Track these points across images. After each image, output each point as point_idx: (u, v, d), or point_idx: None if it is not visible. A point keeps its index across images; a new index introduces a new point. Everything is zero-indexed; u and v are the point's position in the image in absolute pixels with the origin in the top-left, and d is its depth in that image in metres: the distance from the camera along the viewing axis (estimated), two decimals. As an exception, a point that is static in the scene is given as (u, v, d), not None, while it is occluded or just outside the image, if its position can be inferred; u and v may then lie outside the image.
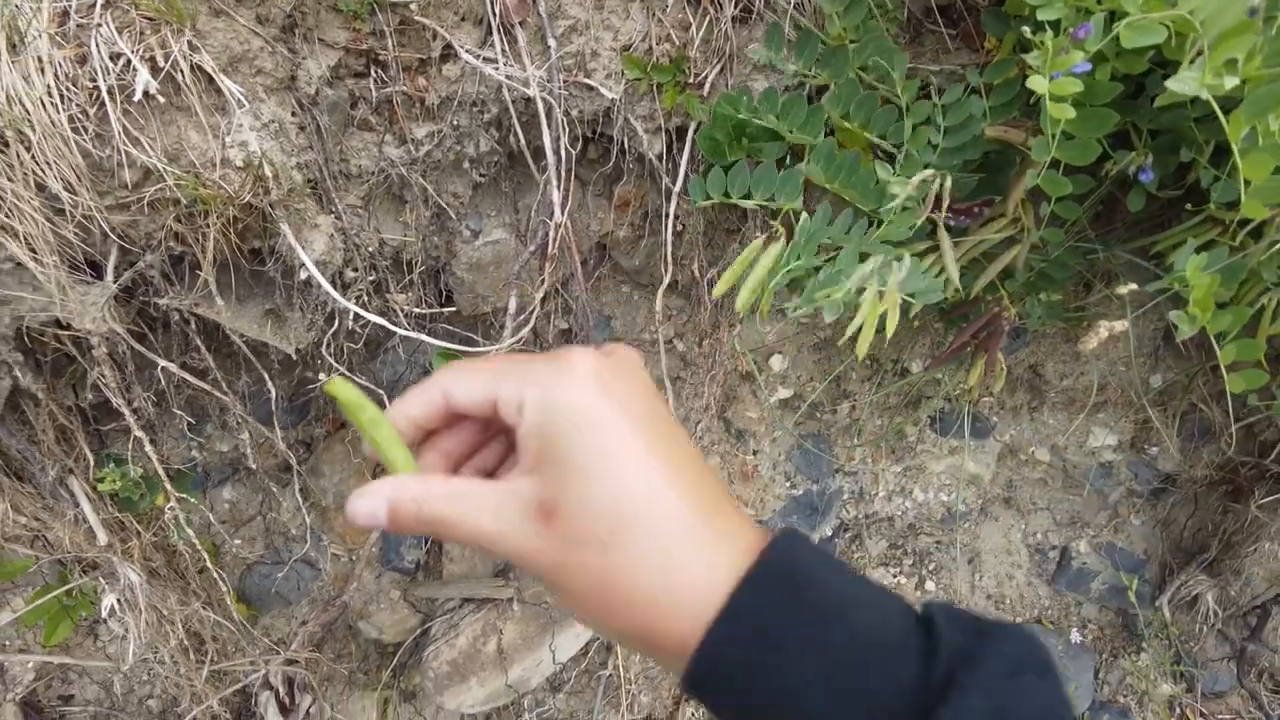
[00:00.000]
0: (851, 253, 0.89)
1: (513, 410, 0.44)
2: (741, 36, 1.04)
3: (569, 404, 0.42)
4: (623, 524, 0.40)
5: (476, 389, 0.45)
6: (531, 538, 0.41)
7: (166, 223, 0.85)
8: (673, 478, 0.41)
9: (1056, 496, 1.70)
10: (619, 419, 0.42)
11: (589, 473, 0.40)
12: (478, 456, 0.49)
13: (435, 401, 0.47)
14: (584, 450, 0.41)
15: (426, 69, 1.05)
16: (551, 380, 0.43)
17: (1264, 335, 0.96)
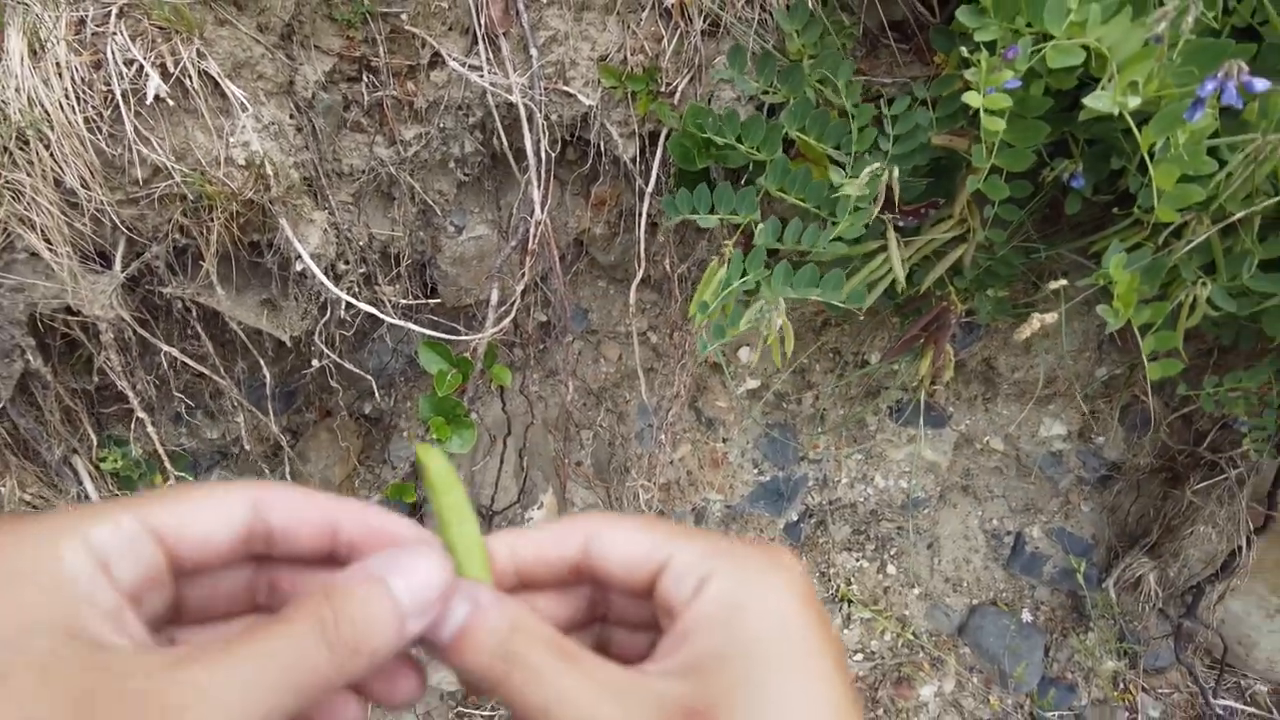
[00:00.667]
0: (782, 270, 0.97)
1: (685, 585, 0.35)
2: (710, 49, 1.12)
3: (786, 610, 0.34)
4: None
5: (639, 545, 0.37)
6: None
7: (173, 217, 0.91)
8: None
9: (1011, 484, 1.79)
10: (832, 655, 0.34)
11: (789, 702, 0.32)
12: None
13: (569, 548, 0.38)
14: (782, 680, 0.33)
15: (415, 75, 1.12)
16: (762, 569, 0.35)
17: (1182, 327, 1.05)
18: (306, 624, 0.32)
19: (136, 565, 0.32)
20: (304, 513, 0.36)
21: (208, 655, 0.30)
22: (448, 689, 1.56)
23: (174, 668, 0.29)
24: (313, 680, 0.31)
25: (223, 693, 0.29)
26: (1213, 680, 1.66)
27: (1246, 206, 0.98)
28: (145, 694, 0.28)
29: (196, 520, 0.34)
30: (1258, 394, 1.34)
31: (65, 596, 0.30)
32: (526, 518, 1.53)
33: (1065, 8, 0.84)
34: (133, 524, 0.33)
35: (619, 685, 0.33)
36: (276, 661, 0.30)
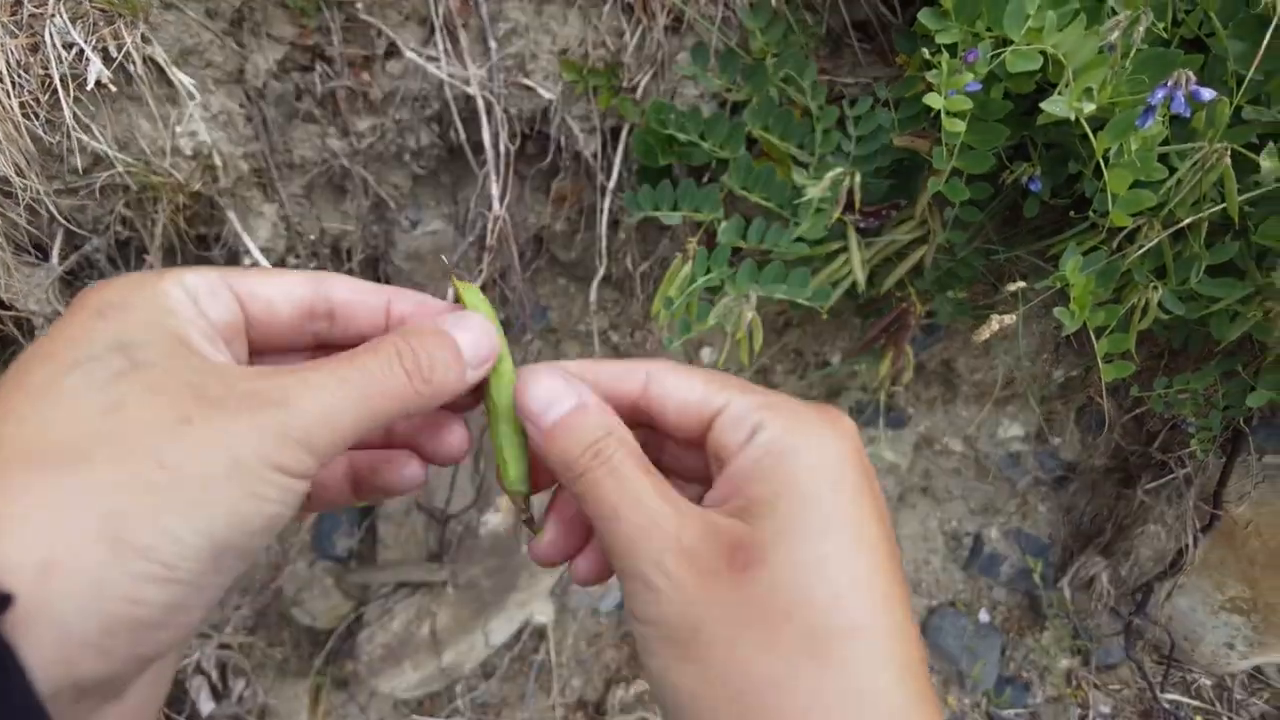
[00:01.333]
0: (748, 268, 0.96)
1: (739, 431, 0.36)
2: (673, 45, 1.11)
3: (834, 460, 0.35)
4: (832, 628, 0.32)
5: (695, 391, 0.38)
6: (701, 572, 0.33)
7: (115, 208, 0.88)
8: (905, 618, 0.34)
9: (970, 485, 1.81)
10: (877, 515, 0.35)
11: (822, 549, 0.33)
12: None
13: (632, 385, 0.40)
14: (832, 521, 0.33)
15: (371, 65, 1.10)
16: (813, 421, 0.36)
17: (1134, 330, 1.07)
18: (386, 353, 0.36)
19: (220, 308, 0.37)
20: (362, 291, 0.40)
21: (302, 370, 0.34)
22: (401, 696, 1.54)
23: (270, 376, 0.33)
24: (388, 402, 0.35)
25: (314, 396, 0.33)
26: (1160, 675, 1.70)
27: (1195, 212, 1.00)
28: (252, 391, 0.32)
29: (266, 285, 0.39)
30: (1204, 395, 1.37)
31: (173, 318, 0.34)
32: (481, 521, 1.51)
33: (1024, 13, 0.85)
34: (215, 276, 0.37)
35: (682, 506, 0.35)
36: (361, 379, 0.34)
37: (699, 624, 0.33)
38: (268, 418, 0.32)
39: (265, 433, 0.31)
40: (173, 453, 0.30)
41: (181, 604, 0.30)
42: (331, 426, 0.33)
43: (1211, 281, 1.06)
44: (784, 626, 0.32)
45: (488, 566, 1.53)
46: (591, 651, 1.72)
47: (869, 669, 0.32)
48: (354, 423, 0.34)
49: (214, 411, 0.31)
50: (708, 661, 0.33)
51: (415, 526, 1.54)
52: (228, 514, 0.30)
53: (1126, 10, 0.85)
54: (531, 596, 1.60)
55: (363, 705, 1.58)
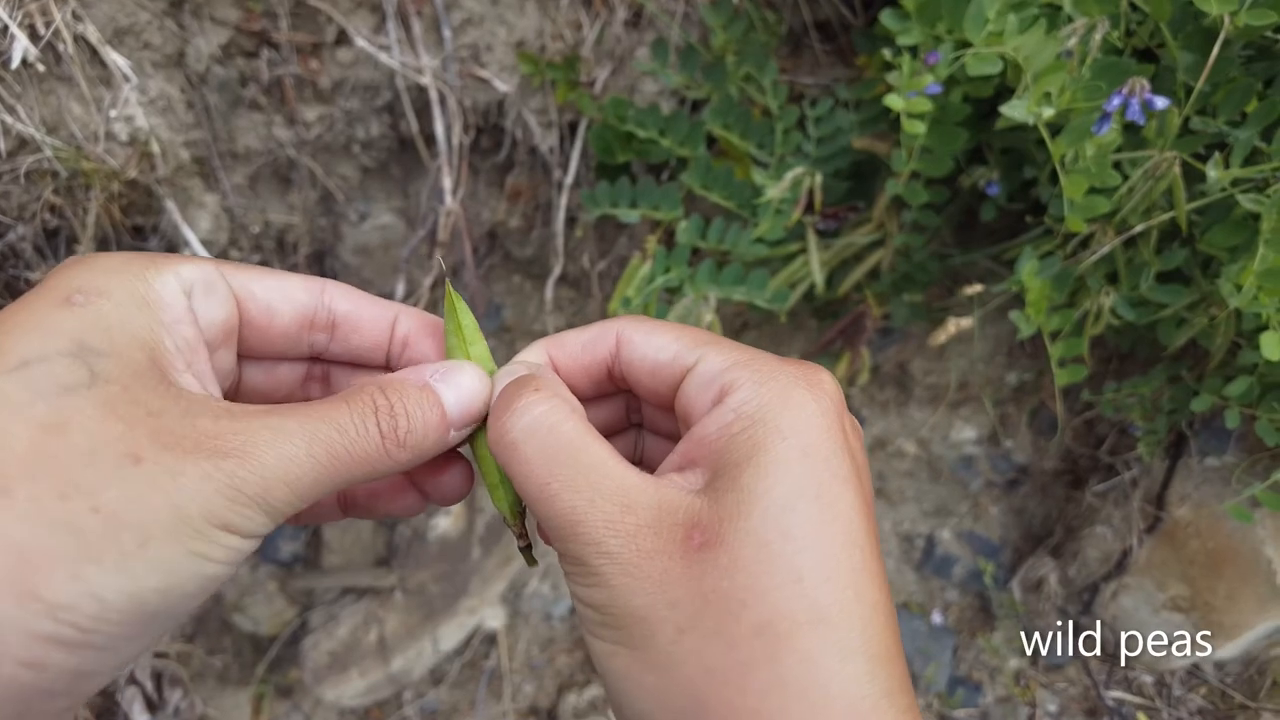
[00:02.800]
0: (707, 268, 0.95)
1: (708, 392, 0.33)
2: (633, 39, 1.09)
3: (809, 424, 0.31)
4: (793, 617, 0.29)
5: (665, 350, 0.35)
6: (650, 554, 0.30)
7: (43, 195, 0.83)
8: (880, 599, 0.31)
9: (923, 487, 1.82)
10: (853, 485, 0.31)
11: (786, 524, 0.30)
12: None
13: (602, 350, 0.37)
14: (800, 493, 0.30)
15: (320, 52, 1.06)
16: (789, 381, 0.32)
17: (1087, 335, 1.08)
18: (362, 408, 0.32)
19: (215, 307, 0.34)
20: (366, 303, 0.38)
21: (269, 415, 0.31)
22: (347, 704, 1.49)
23: (237, 417, 0.30)
24: (357, 465, 0.32)
25: (277, 449, 0.29)
26: (1105, 674, 1.73)
27: (1146, 220, 1.01)
28: (212, 434, 0.29)
29: (267, 286, 0.36)
30: (1151, 400, 1.40)
31: (151, 321, 0.31)
32: (430, 525, 1.47)
33: (984, 16, 0.85)
34: (214, 271, 0.34)
35: (629, 478, 0.31)
36: (330, 436, 0.31)
37: (645, 612, 0.30)
38: (223, 469, 0.28)
39: (218, 486, 0.28)
40: (112, 495, 0.26)
41: (89, 671, 0.26)
42: (291, 486, 0.30)
43: (1160, 288, 1.08)
44: (739, 615, 0.29)
45: (437, 571, 1.49)
46: (544, 657, 1.69)
47: (832, 662, 0.29)
48: (315, 483, 0.31)
49: (166, 453, 0.27)
50: (653, 652, 0.30)
51: (361, 530, 1.49)
52: (163, 574, 0.27)
53: (1084, 17, 0.86)
54: (483, 602, 1.56)
55: (307, 714, 1.53)
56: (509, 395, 0.34)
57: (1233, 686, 1.79)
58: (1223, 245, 1.01)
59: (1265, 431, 1.09)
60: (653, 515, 0.30)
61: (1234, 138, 0.95)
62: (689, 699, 0.29)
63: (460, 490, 0.39)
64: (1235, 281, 0.96)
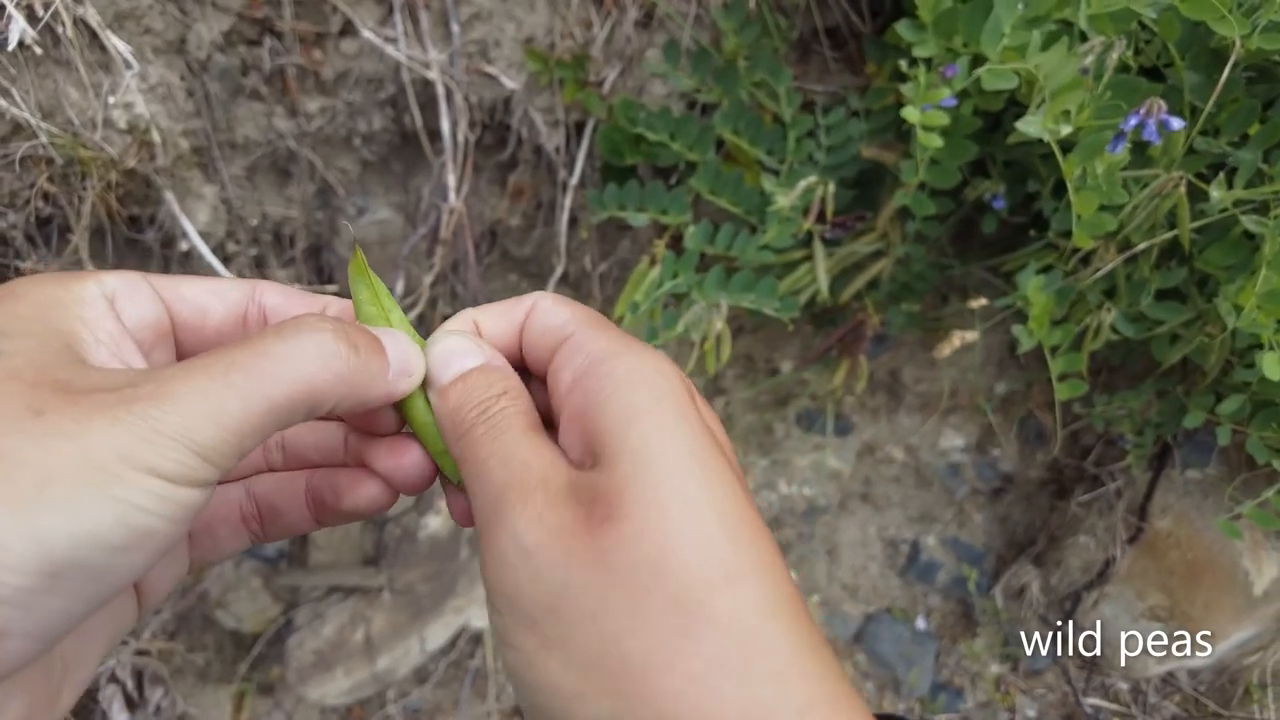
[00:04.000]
0: (716, 275, 0.94)
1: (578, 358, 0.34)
2: (643, 40, 1.08)
3: (668, 388, 0.32)
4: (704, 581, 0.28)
5: (558, 315, 0.36)
6: (560, 534, 0.29)
7: (36, 182, 0.80)
8: (772, 551, 0.30)
9: (909, 493, 1.83)
10: (712, 449, 0.31)
11: (689, 486, 0.29)
12: None
13: (515, 319, 0.37)
14: (687, 455, 0.30)
15: (323, 43, 1.04)
16: (645, 356, 0.33)
17: (1086, 350, 1.09)
18: (292, 329, 0.31)
19: (141, 307, 0.33)
20: (296, 297, 0.37)
21: (189, 360, 0.29)
22: (330, 703, 1.47)
23: (151, 373, 0.28)
24: (294, 387, 0.30)
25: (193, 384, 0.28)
26: (1083, 681, 1.75)
27: (1149, 238, 1.02)
28: (124, 384, 0.27)
29: (195, 288, 0.36)
30: (1140, 413, 1.41)
31: (69, 314, 0.30)
32: (421, 524, 1.45)
33: (1000, 31, 0.85)
34: (138, 277, 0.34)
35: (555, 459, 0.32)
36: (255, 362, 0.29)
37: (558, 600, 0.29)
38: (135, 412, 0.26)
39: (130, 427, 0.26)
40: (7, 443, 0.25)
41: (5, 630, 0.25)
42: (219, 421, 0.27)
43: (1159, 305, 1.09)
44: (652, 588, 0.28)
45: (425, 571, 1.47)
46: None
47: (749, 623, 0.28)
48: (245, 416, 0.28)
49: (72, 406, 0.26)
50: (572, 646, 0.28)
51: (350, 529, 1.47)
52: (68, 516, 0.25)
53: (1098, 35, 0.86)
54: (469, 602, 1.55)
55: (289, 712, 1.51)
56: (474, 387, 0.35)
57: (1206, 694, 1.82)
58: (1220, 264, 1.02)
59: (1256, 449, 1.10)
60: (566, 492, 0.30)
61: (1237, 159, 0.96)
62: (616, 693, 0.28)
63: (421, 473, 0.38)
64: (1233, 301, 0.97)
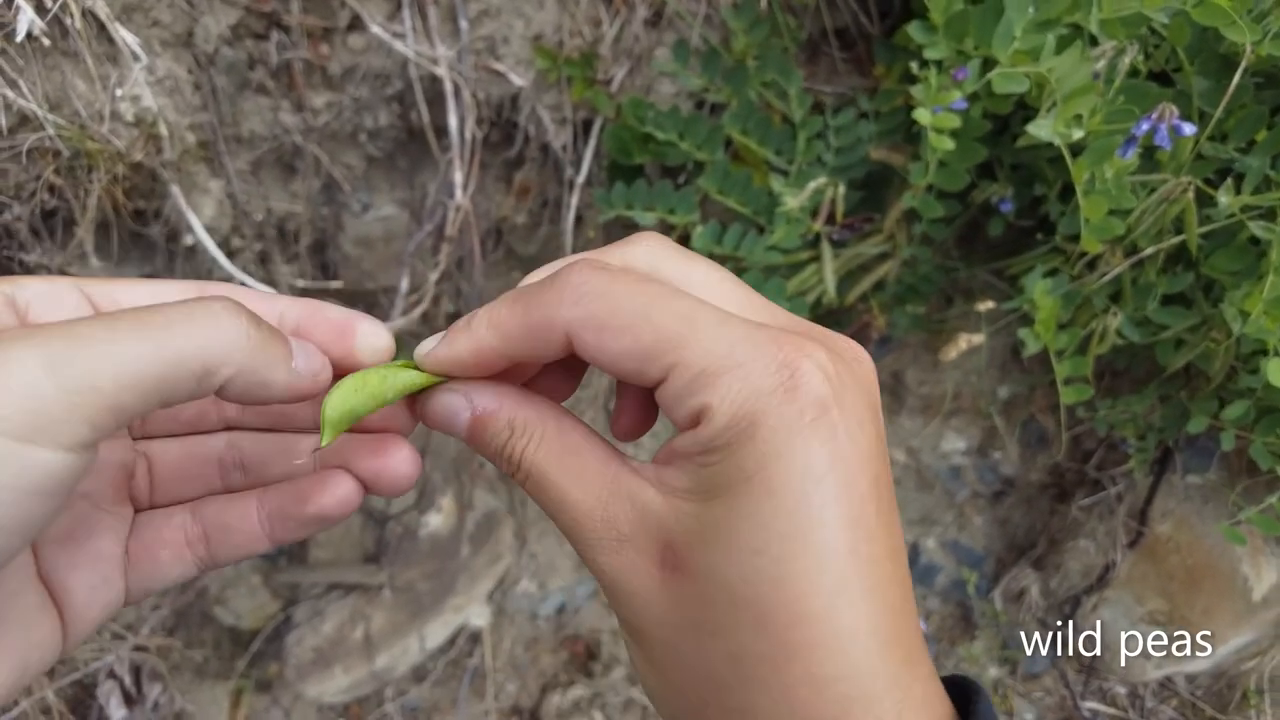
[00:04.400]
0: None
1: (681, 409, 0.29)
2: (651, 39, 1.08)
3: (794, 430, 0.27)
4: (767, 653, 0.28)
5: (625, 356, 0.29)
6: (634, 571, 0.30)
7: (43, 174, 0.80)
8: (877, 587, 0.28)
9: (910, 496, 1.83)
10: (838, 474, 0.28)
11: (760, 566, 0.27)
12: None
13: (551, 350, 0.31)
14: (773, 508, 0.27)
15: (331, 37, 1.03)
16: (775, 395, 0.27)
17: (1092, 354, 1.09)
18: (194, 302, 0.28)
19: (61, 313, 0.30)
20: (249, 298, 0.34)
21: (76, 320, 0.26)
22: (327, 700, 1.47)
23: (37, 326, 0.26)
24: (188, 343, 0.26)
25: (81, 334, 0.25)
26: (1081, 684, 1.75)
27: (1156, 243, 1.02)
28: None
29: (134, 293, 0.32)
30: (1143, 417, 1.41)
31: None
32: (422, 522, 1.45)
33: (1011, 34, 0.84)
34: (67, 286, 0.31)
35: (608, 491, 0.30)
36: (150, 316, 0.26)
37: (643, 626, 0.30)
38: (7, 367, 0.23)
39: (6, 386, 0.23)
40: None
41: None
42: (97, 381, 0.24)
43: (1165, 310, 1.09)
44: (710, 643, 0.28)
45: (426, 570, 1.47)
46: (528, 656, 1.68)
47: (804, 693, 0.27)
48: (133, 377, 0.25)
49: None
50: (662, 667, 0.30)
51: (351, 526, 1.47)
52: None
53: (1109, 39, 0.86)
54: (469, 600, 1.55)
55: (286, 709, 1.50)
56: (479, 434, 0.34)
57: (1203, 699, 1.82)
58: (1226, 269, 1.02)
59: (1260, 455, 1.10)
60: (633, 527, 0.30)
61: (1245, 165, 0.96)
62: (685, 702, 0.30)
63: (410, 473, 0.36)
64: (1240, 307, 0.97)
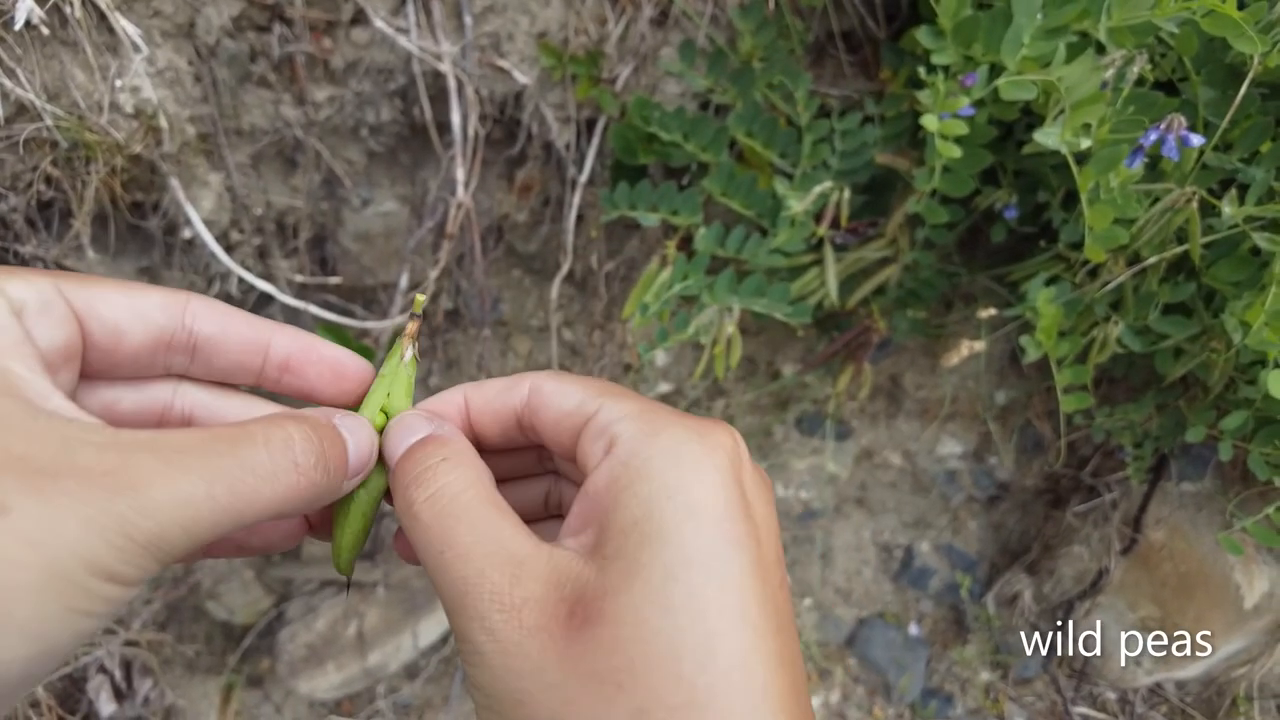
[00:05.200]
0: (727, 278, 0.93)
1: (600, 441, 0.32)
2: (657, 38, 1.07)
3: (695, 486, 0.29)
4: (671, 702, 0.27)
5: (570, 399, 0.34)
6: (533, 631, 0.28)
7: (39, 165, 0.79)
8: (778, 667, 0.28)
9: (905, 499, 1.83)
10: (748, 548, 0.29)
11: (675, 597, 0.27)
12: None
13: (515, 399, 0.35)
14: (685, 561, 0.28)
15: (334, 31, 1.02)
16: (681, 437, 0.31)
17: (1092, 362, 1.09)
18: (277, 440, 0.29)
19: (52, 328, 0.29)
20: (234, 323, 0.34)
21: (162, 444, 0.27)
22: (319, 697, 1.46)
23: (125, 448, 0.26)
24: (264, 504, 0.28)
25: (174, 488, 0.26)
26: (1072, 689, 1.76)
27: (1158, 252, 1.02)
28: (97, 468, 0.25)
29: (114, 304, 0.31)
30: (1141, 425, 1.42)
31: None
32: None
33: (1020, 41, 0.84)
34: (50, 286, 0.30)
35: (524, 548, 0.30)
36: (233, 470, 0.27)
37: (523, 696, 0.28)
38: (110, 513, 0.24)
39: (103, 530, 0.24)
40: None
41: None
42: (187, 529, 0.26)
43: (1165, 319, 1.09)
44: (614, 699, 0.27)
45: (420, 568, 1.46)
46: None
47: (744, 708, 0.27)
48: (214, 526, 0.27)
49: (38, 498, 0.23)
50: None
51: (345, 520, 1.46)
52: (33, 640, 0.23)
53: (1118, 48, 0.86)
54: (464, 597, 1.54)
55: (278, 705, 1.49)
56: (416, 459, 0.34)
57: (1193, 706, 1.82)
58: (1228, 280, 1.02)
59: (1257, 465, 1.10)
60: (541, 588, 0.29)
61: (1249, 175, 0.96)
62: None
63: (293, 539, 0.38)
64: (1240, 318, 0.97)
